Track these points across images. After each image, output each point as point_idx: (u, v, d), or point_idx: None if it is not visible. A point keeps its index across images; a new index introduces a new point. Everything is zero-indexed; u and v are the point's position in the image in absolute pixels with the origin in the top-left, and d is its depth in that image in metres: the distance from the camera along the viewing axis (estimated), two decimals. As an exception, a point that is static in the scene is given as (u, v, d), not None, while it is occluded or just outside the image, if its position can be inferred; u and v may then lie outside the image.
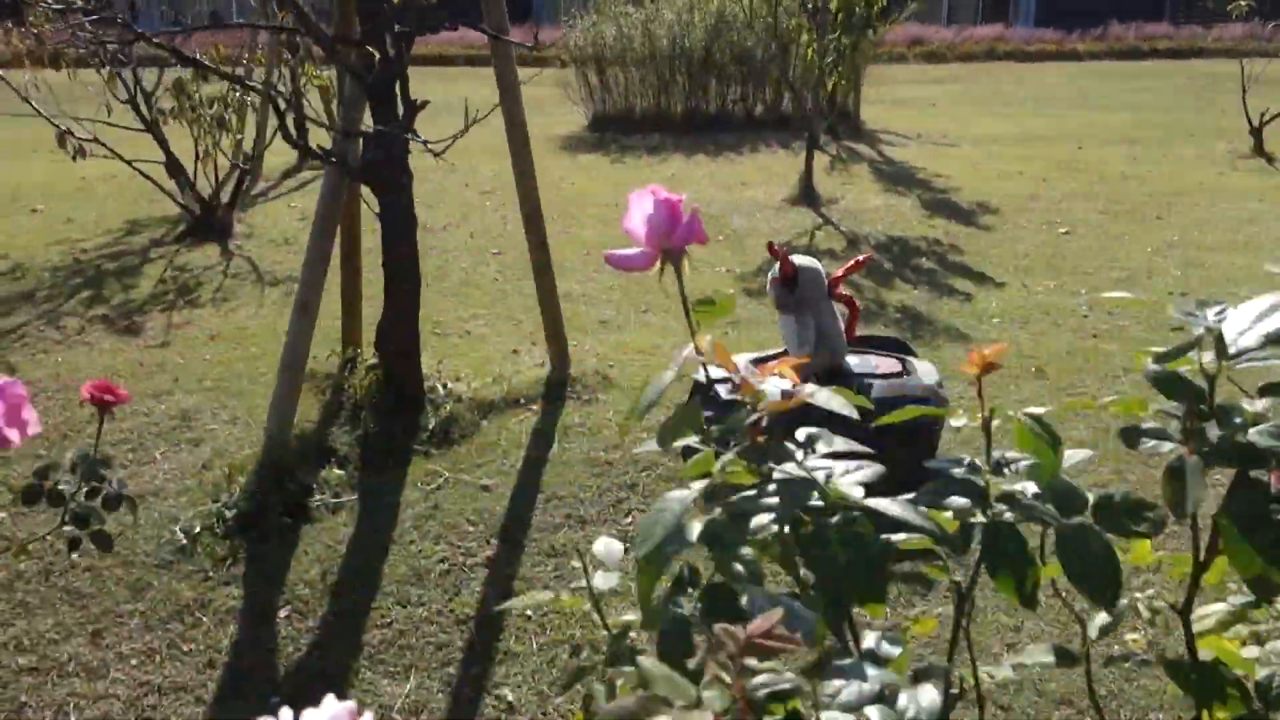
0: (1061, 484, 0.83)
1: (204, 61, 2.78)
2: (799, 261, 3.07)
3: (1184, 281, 5.03)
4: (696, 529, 0.73)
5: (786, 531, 0.77)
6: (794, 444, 0.86)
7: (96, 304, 4.90)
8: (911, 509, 0.78)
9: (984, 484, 0.84)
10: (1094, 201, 6.89)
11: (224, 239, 6.09)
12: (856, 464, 0.84)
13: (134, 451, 3.33)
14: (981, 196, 7.13)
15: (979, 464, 0.88)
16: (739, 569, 0.74)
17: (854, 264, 3.30)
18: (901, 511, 0.77)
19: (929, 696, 0.69)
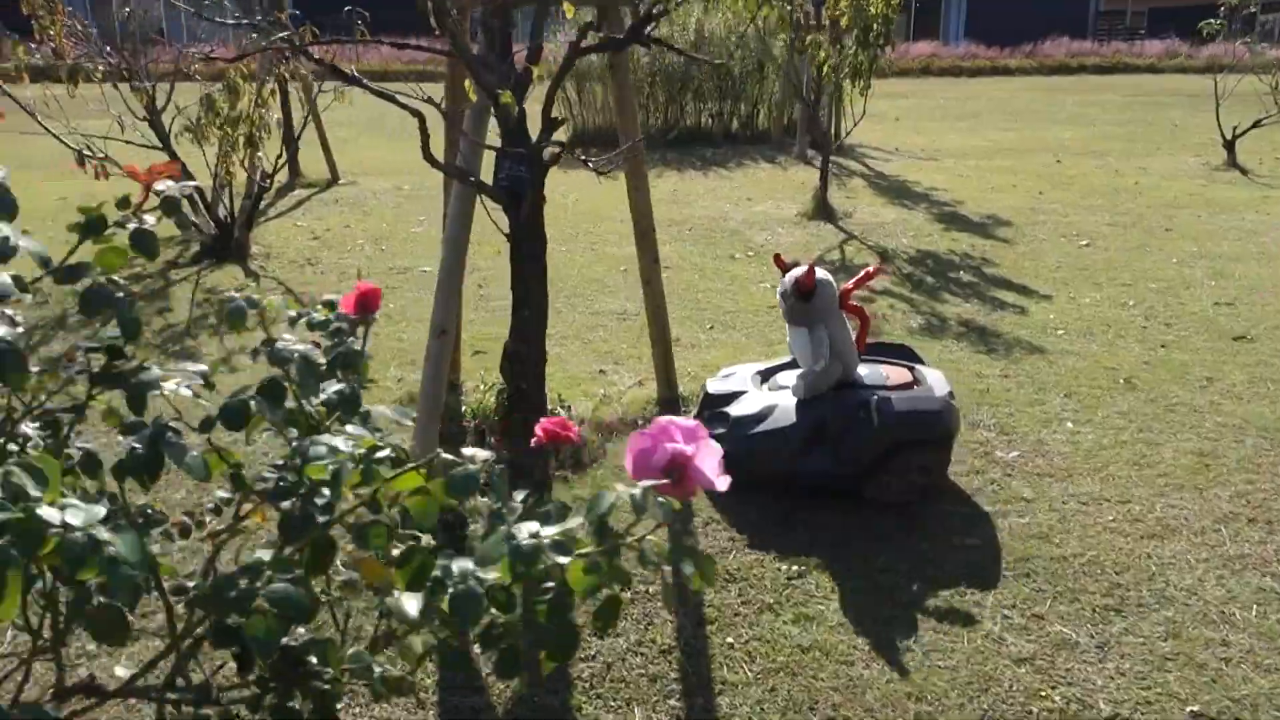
0: None
1: (359, 78, 2.66)
2: (819, 275, 3.06)
3: (1219, 291, 5.19)
4: None
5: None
6: None
7: (135, 330, 4.67)
8: None
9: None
10: (1097, 214, 7.08)
11: (243, 260, 5.88)
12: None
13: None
14: (987, 209, 7.28)
15: None
16: None
17: (864, 275, 3.30)
18: None
19: None
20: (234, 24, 2.71)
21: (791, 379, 3.17)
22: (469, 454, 1.08)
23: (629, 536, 1.00)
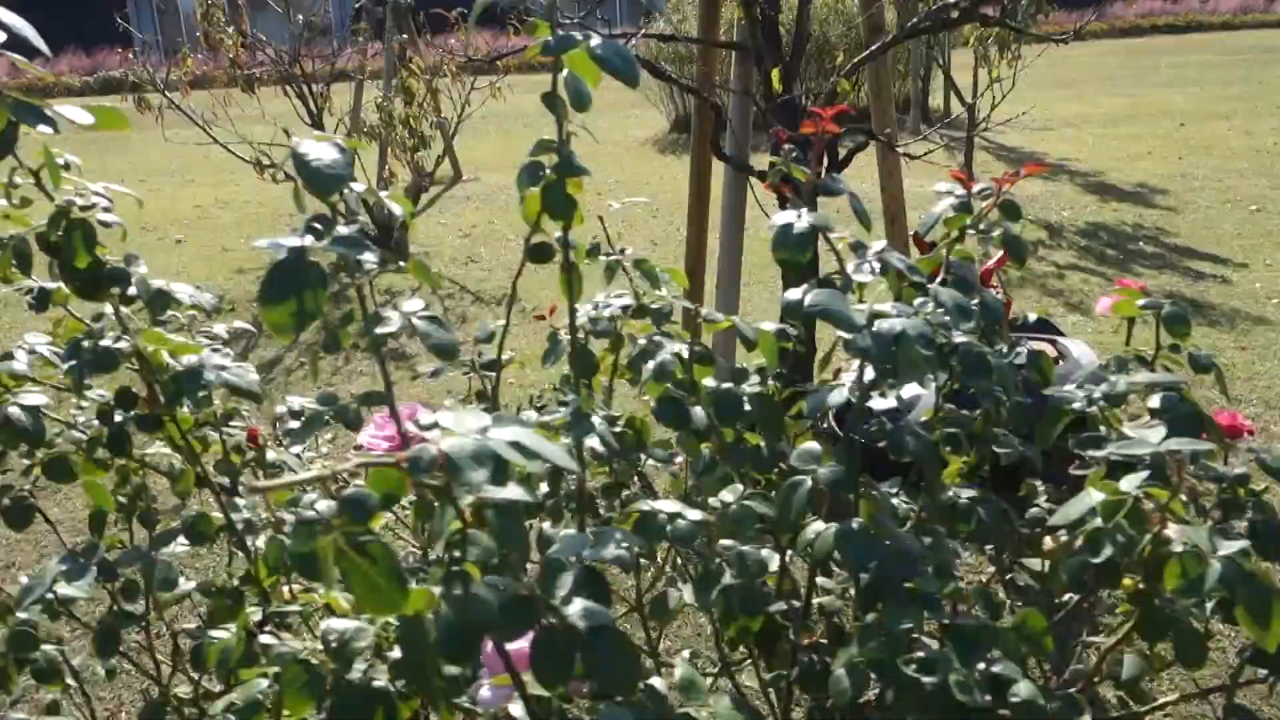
0: None
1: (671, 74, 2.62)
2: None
3: None
4: None
5: None
6: None
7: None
8: None
9: None
10: (1251, 179, 6.87)
11: (403, 259, 5.90)
12: None
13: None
14: (1134, 178, 7.10)
15: None
16: None
17: (1002, 256, 3.18)
18: None
19: None
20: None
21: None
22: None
23: None
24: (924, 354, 0.85)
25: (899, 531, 0.91)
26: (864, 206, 1.10)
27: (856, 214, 1.10)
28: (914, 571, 0.86)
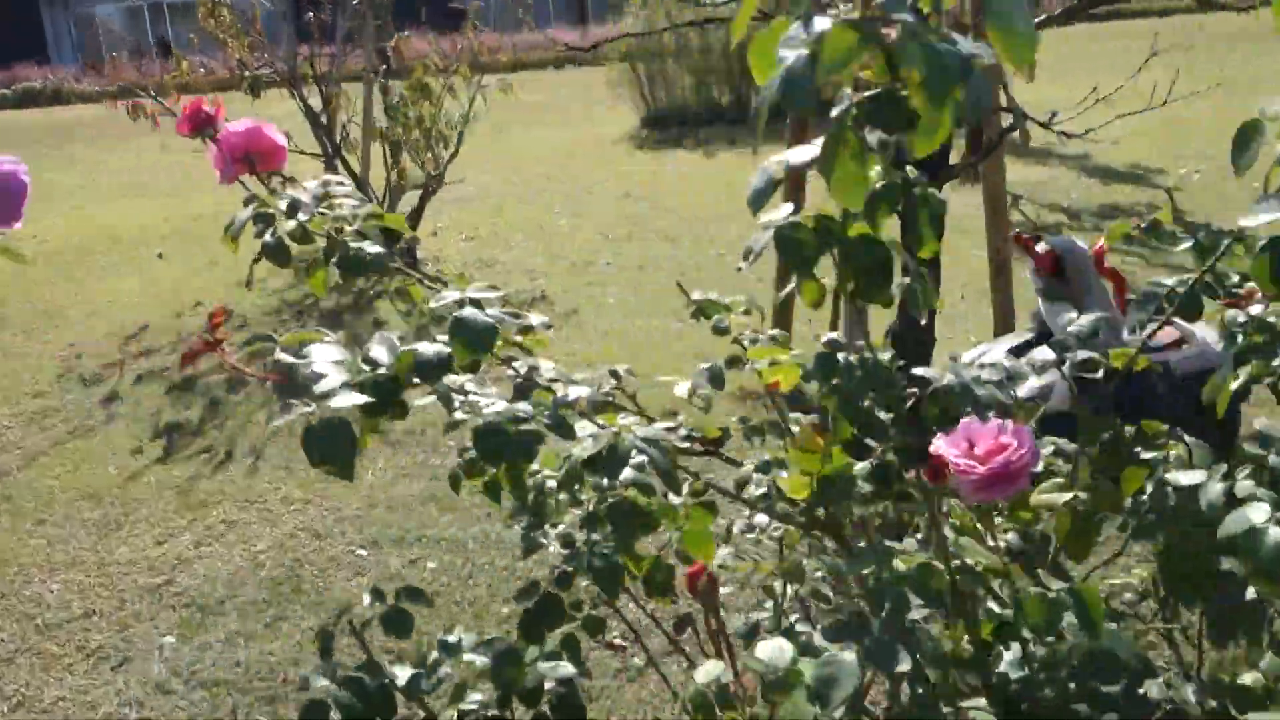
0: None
1: None
2: (1058, 244, 2.88)
3: None
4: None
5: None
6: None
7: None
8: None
9: None
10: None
11: (414, 264, 5.72)
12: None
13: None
14: (1127, 159, 7.18)
15: None
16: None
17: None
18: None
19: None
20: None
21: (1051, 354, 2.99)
22: None
23: None
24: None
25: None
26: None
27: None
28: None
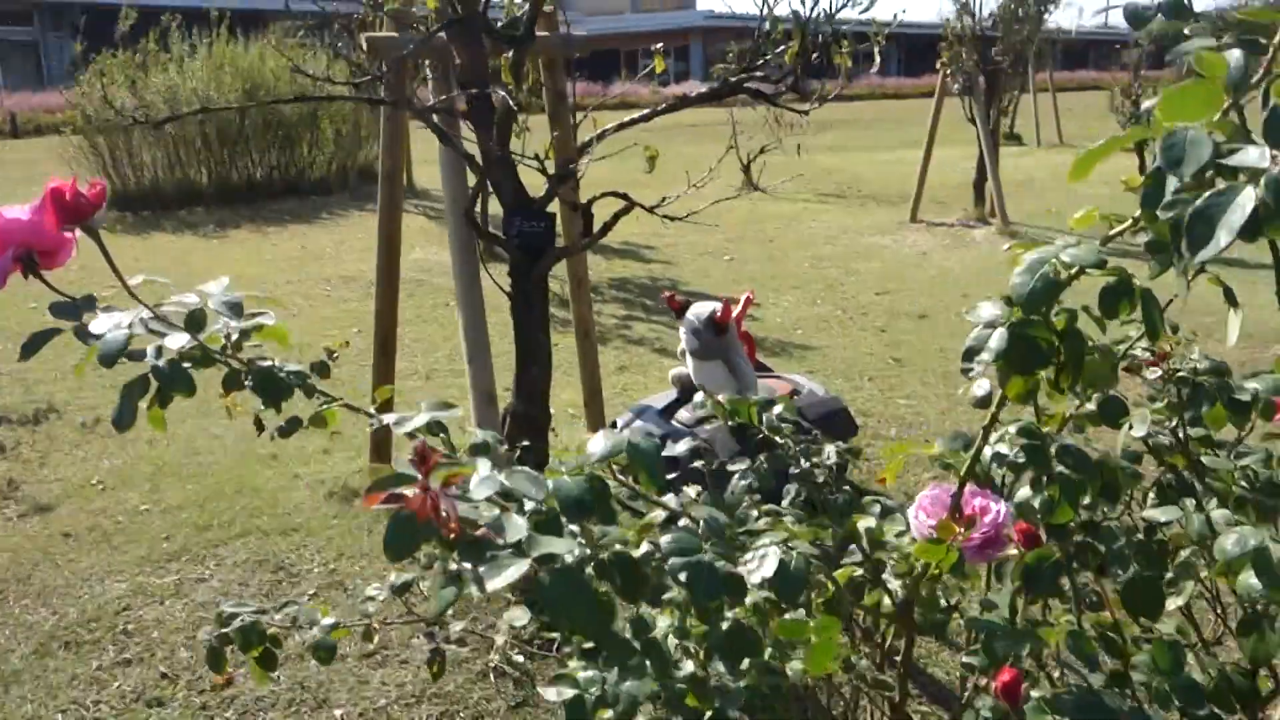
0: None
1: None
2: (717, 307, 3.25)
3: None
4: None
5: None
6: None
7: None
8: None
9: None
10: (708, 235, 8.20)
11: None
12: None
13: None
14: (620, 237, 8.05)
15: None
16: None
17: (747, 300, 3.56)
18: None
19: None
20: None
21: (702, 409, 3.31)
22: None
23: None
24: None
25: None
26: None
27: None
28: None
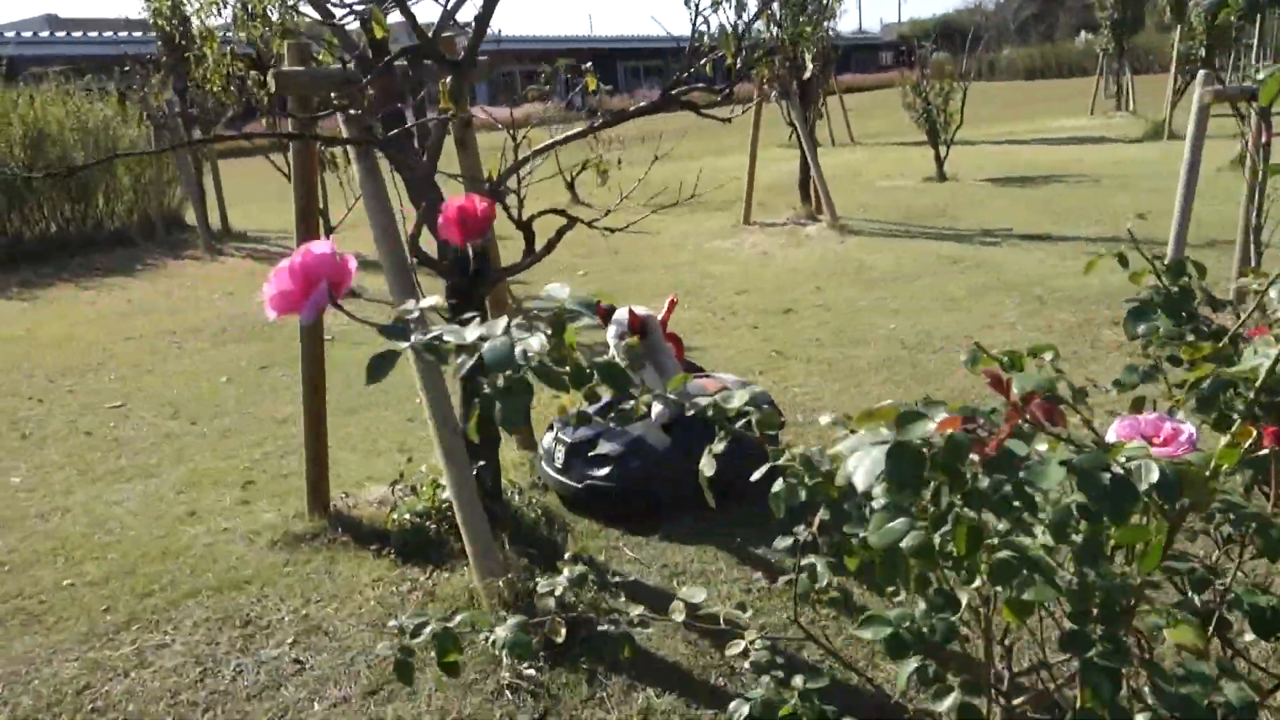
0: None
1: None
2: (641, 312, 3.28)
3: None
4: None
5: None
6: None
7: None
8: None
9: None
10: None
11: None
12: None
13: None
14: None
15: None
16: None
17: (671, 304, 3.57)
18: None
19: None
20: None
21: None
22: None
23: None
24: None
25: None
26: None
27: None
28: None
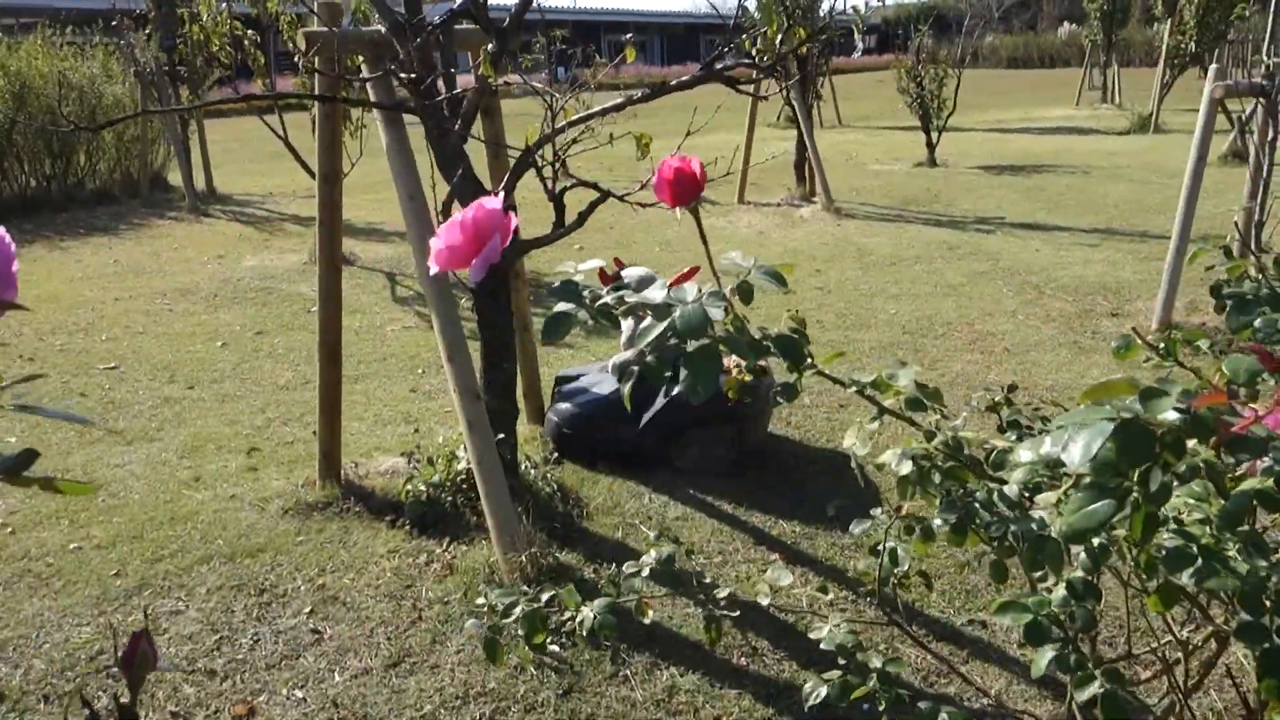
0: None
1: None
2: (641, 272, 3.37)
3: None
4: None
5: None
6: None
7: None
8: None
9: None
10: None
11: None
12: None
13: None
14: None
15: None
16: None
17: (692, 270, 3.81)
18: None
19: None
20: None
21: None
22: None
23: None
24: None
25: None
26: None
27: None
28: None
